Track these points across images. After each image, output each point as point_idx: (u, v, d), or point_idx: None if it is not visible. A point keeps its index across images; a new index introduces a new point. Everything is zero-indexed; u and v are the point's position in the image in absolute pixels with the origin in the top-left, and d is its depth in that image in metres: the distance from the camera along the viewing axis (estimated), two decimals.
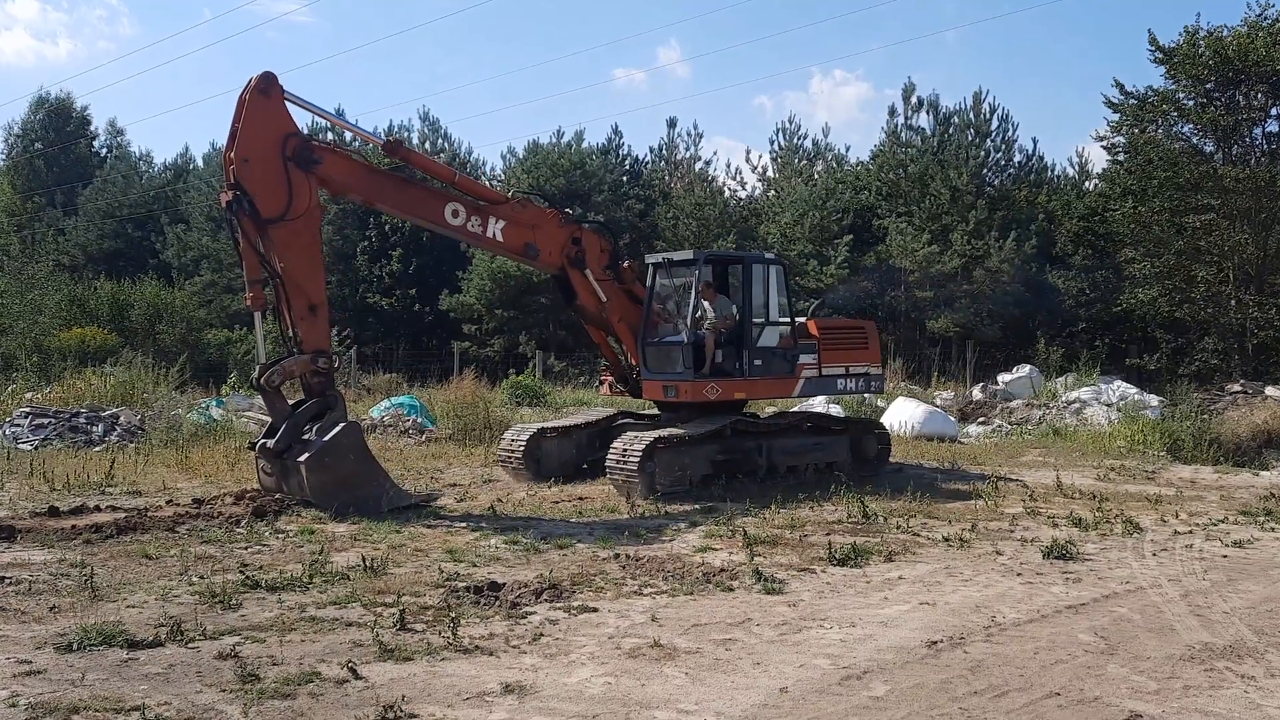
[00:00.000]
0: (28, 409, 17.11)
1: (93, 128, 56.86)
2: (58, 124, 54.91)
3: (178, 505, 10.56)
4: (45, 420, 16.47)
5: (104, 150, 56.65)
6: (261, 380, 10.34)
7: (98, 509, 10.28)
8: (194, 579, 7.39)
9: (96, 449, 15.46)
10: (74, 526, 9.22)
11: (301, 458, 9.99)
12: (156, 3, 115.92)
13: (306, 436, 10.26)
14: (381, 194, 11.32)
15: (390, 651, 5.66)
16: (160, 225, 44.89)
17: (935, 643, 5.92)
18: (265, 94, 10.19)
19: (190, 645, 5.80)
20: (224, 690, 5.07)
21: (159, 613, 6.42)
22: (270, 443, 10.29)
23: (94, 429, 16.44)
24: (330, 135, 27.26)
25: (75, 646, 5.69)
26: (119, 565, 7.82)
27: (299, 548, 8.54)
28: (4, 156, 56.52)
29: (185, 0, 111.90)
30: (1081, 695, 5.09)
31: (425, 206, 11.44)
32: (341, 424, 10.31)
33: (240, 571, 7.44)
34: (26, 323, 27.25)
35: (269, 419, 17.75)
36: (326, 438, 10.09)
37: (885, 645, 5.88)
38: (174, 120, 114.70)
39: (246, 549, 8.53)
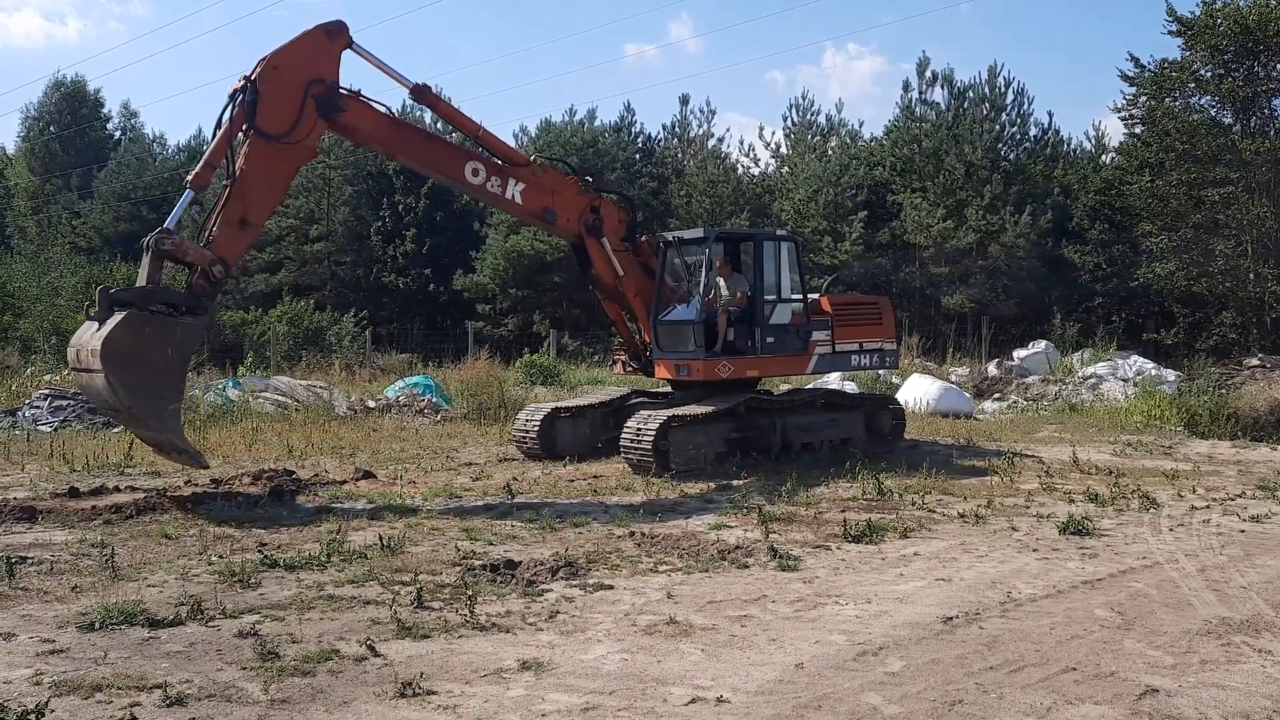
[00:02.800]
0: (47, 391, 17.24)
1: (106, 110, 57.05)
2: (72, 107, 55.09)
3: (196, 485, 10.63)
4: (64, 402, 16.59)
5: (118, 133, 56.79)
6: (153, 239, 9.36)
7: (117, 489, 10.35)
8: (213, 558, 7.45)
9: (115, 430, 15.56)
10: (94, 507, 9.28)
11: (123, 314, 8.91)
12: None
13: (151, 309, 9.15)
14: (404, 147, 11.31)
15: (408, 629, 5.69)
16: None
17: (951, 619, 5.92)
18: (329, 35, 10.28)
19: (210, 624, 5.85)
20: (244, 668, 5.12)
21: (179, 592, 6.48)
22: (116, 291, 9.24)
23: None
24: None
25: (97, 625, 5.75)
26: (139, 545, 7.89)
27: (316, 527, 8.60)
28: (21, 140, 56.73)
29: None
30: (1098, 670, 5.09)
31: (446, 163, 11.42)
32: (192, 327, 9.40)
33: (259, 551, 7.49)
34: (45, 305, 27.44)
35: (279, 397, 18.04)
36: (165, 319, 9.13)
37: (901, 621, 5.89)
38: (187, 102, 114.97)
39: (264, 529, 8.60)
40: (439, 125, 27.35)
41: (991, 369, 23.73)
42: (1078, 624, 5.85)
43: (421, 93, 11.21)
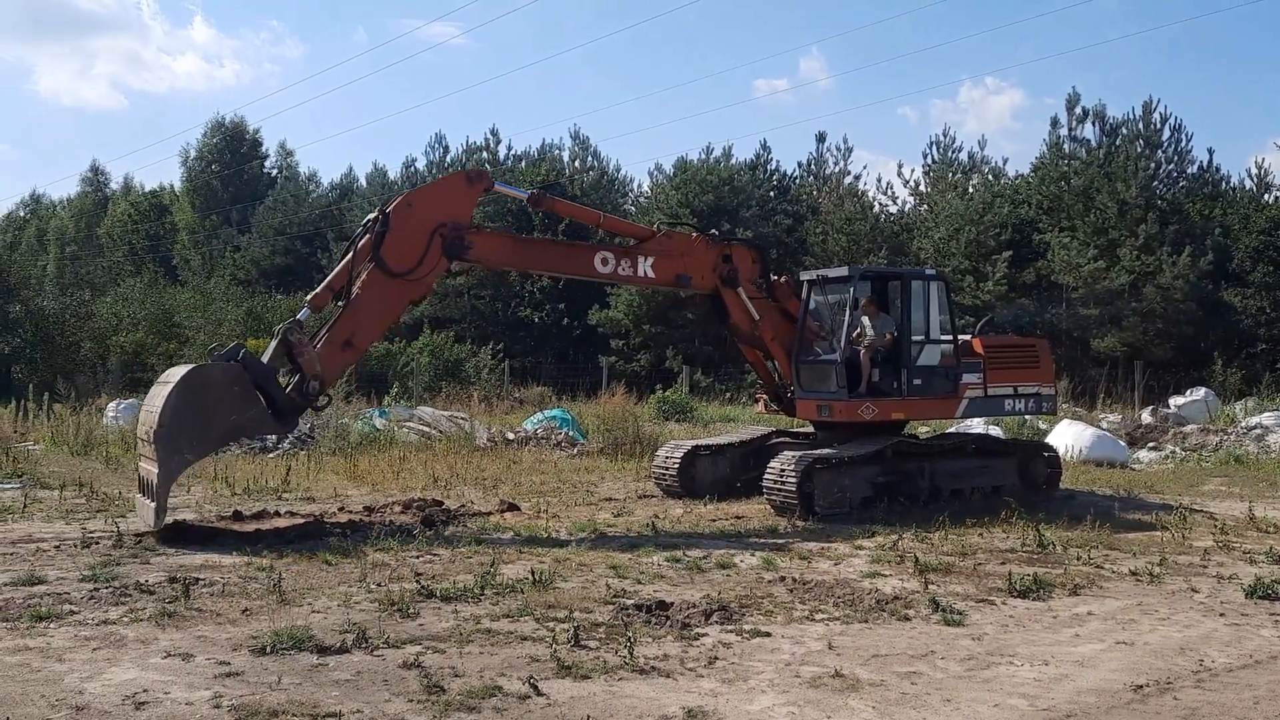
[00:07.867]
0: None
1: (264, 149, 60.26)
2: (232, 146, 58.38)
3: (350, 512, 10.94)
4: None
5: (275, 171, 59.87)
6: (284, 327, 9.89)
7: (278, 514, 10.74)
8: (372, 586, 7.60)
9: (271, 455, 16.21)
10: (257, 530, 9.64)
11: (233, 363, 9.59)
12: (317, 24, 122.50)
13: (260, 387, 9.66)
14: (533, 259, 12.02)
15: (568, 669, 5.65)
16: (326, 242, 47.03)
17: (1141, 687, 5.52)
18: (469, 181, 11.07)
19: (375, 653, 5.93)
20: (411, 700, 5.15)
21: (343, 619, 6.61)
22: (249, 354, 9.83)
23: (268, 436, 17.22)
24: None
25: (268, 649, 5.90)
26: (302, 570, 8.12)
27: (468, 558, 8.69)
28: (183, 179, 60.37)
29: (344, 19, 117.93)
30: None
31: (575, 261, 11.90)
32: (265, 424, 9.88)
33: (415, 581, 7.60)
34: (208, 335, 28.93)
35: (423, 427, 18.51)
36: (255, 398, 9.55)
37: (1085, 687, 5.53)
38: (338, 142, 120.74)
39: (418, 558, 8.74)
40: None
41: (1146, 416, 22.53)
42: None
43: (537, 200, 11.78)
